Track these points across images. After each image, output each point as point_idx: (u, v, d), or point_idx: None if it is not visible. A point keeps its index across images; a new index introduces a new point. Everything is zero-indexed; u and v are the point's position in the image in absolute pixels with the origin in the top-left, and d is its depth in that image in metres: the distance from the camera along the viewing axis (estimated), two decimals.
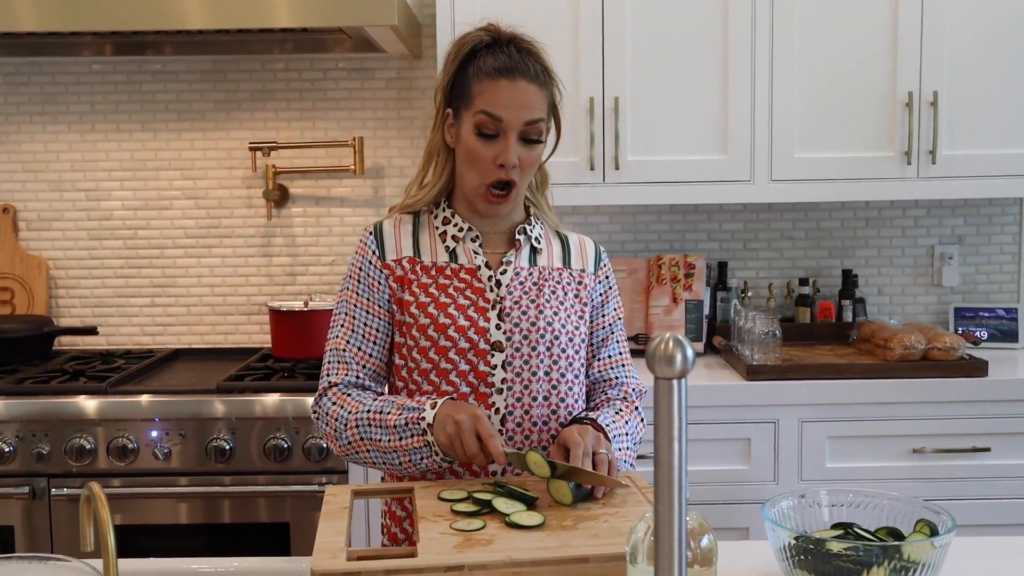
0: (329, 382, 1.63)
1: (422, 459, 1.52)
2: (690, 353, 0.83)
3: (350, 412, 1.57)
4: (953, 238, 3.10)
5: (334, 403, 1.60)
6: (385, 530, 1.71)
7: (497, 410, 1.60)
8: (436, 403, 1.52)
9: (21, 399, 2.45)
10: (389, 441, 1.53)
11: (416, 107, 3.05)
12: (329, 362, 1.64)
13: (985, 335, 2.98)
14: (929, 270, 3.11)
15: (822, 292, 3.08)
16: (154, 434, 2.42)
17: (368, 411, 1.56)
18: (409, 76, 3.04)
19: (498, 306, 1.62)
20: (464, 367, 1.59)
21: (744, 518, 2.47)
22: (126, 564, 1.37)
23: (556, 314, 1.64)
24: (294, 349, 2.79)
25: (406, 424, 1.52)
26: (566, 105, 1.70)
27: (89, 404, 2.44)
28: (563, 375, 1.64)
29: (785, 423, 2.52)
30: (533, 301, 1.64)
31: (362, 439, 1.56)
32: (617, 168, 2.69)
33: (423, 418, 1.51)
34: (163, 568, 1.49)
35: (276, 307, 2.82)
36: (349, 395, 1.60)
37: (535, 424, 1.62)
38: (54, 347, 2.99)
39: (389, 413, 1.54)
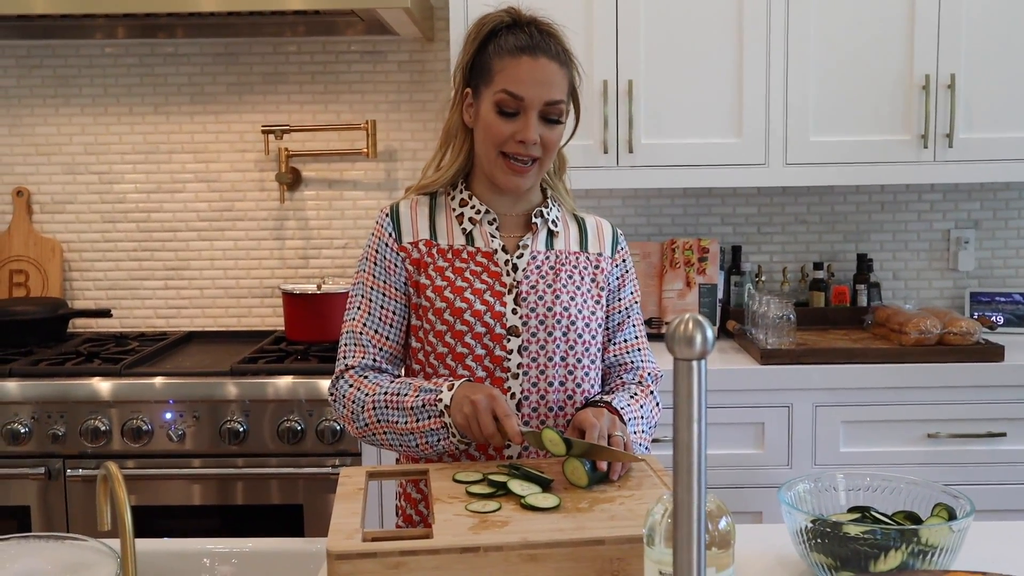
0: (346, 364, 1.63)
1: (439, 441, 1.52)
2: (710, 334, 0.82)
3: (367, 394, 1.57)
4: (969, 222, 3.08)
5: (351, 385, 1.60)
6: (400, 511, 1.71)
7: (513, 395, 1.59)
8: (453, 385, 1.52)
9: (37, 381, 2.46)
10: (406, 423, 1.53)
11: (429, 90, 3.04)
12: (346, 344, 1.64)
13: (1001, 320, 2.96)
14: (945, 254, 3.09)
15: (837, 276, 3.06)
16: (168, 416, 2.43)
17: (385, 393, 1.55)
18: (422, 59, 3.03)
19: (515, 290, 1.61)
20: (480, 351, 1.59)
21: (758, 502, 2.46)
22: (141, 544, 1.38)
23: (573, 299, 1.63)
24: (307, 332, 2.79)
25: (423, 406, 1.52)
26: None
27: (103, 386, 2.45)
28: (579, 360, 1.63)
29: (799, 407, 2.51)
30: (550, 286, 1.63)
31: (379, 421, 1.55)
32: (631, 151, 2.68)
33: (440, 400, 1.51)
34: (179, 548, 1.50)
35: (289, 290, 2.83)
36: (366, 377, 1.60)
37: (551, 409, 1.61)
38: (68, 329, 3.00)
39: (406, 395, 1.54)
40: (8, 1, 2.50)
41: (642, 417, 1.63)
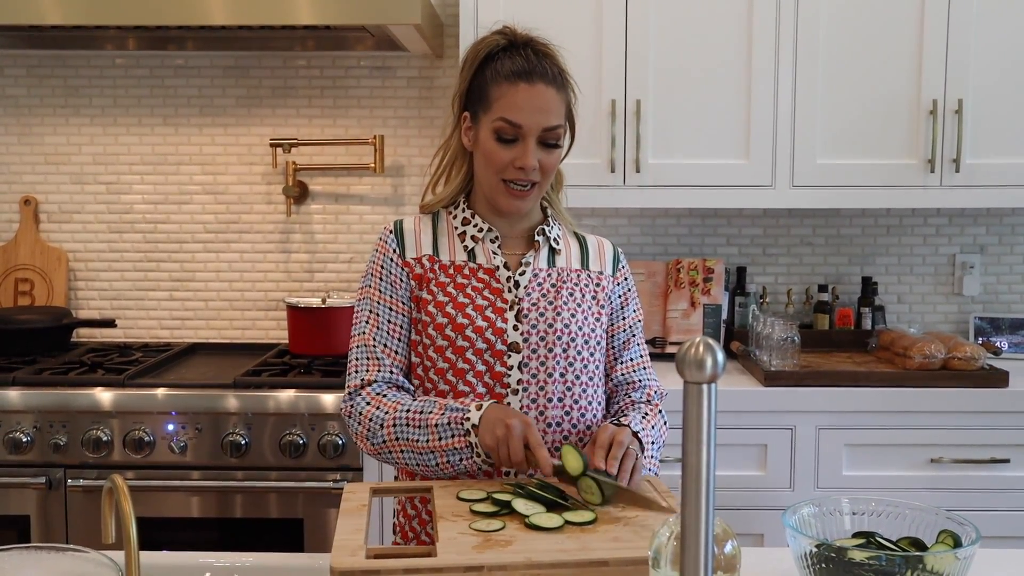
0: (362, 380, 1.61)
1: (461, 460, 1.52)
2: (721, 358, 0.82)
3: (387, 412, 1.55)
4: (975, 247, 3.08)
5: (368, 403, 1.58)
6: (398, 528, 1.70)
7: None
8: (481, 405, 1.51)
9: (39, 390, 2.46)
10: (428, 441, 1.52)
11: (437, 106, 3.05)
12: (358, 359, 1.63)
13: (1006, 345, 2.96)
14: (950, 279, 3.09)
15: (841, 299, 3.06)
16: (170, 427, 2.42)
17: (407, 411, 1.54)
18: (431, 75, 3.04)
19: (516, 307, 1.62)
20: (480, 367, 1.59)
21: (759, 524, 2.45)
22: (142, 557, 1.37)
23: (573, 316, 1.64)
24: (311, 346, 2.79)
25: (448, 423, 1.51)
26: (588, 107, 1.70)
27: (106, 396, 2.44)
28: (578, 377, 1.63)
29: (802, 430, 2.50)
30: (551, 303, 1.63)
31: (397, 439, 1.54)
32: (638, 171, 2.68)
33: (467, 419, 1.50)
34: (179, 562, 1.49)
35: (294, 303, 2.83)
36: (385, 396, 1.58)
37: (549, 425, 1.61)
38: (72, 339, 3.01)
39: (431, 412, 1.53)
40: (20, 11, 2.51)
41: (652, 441, 1.63)
